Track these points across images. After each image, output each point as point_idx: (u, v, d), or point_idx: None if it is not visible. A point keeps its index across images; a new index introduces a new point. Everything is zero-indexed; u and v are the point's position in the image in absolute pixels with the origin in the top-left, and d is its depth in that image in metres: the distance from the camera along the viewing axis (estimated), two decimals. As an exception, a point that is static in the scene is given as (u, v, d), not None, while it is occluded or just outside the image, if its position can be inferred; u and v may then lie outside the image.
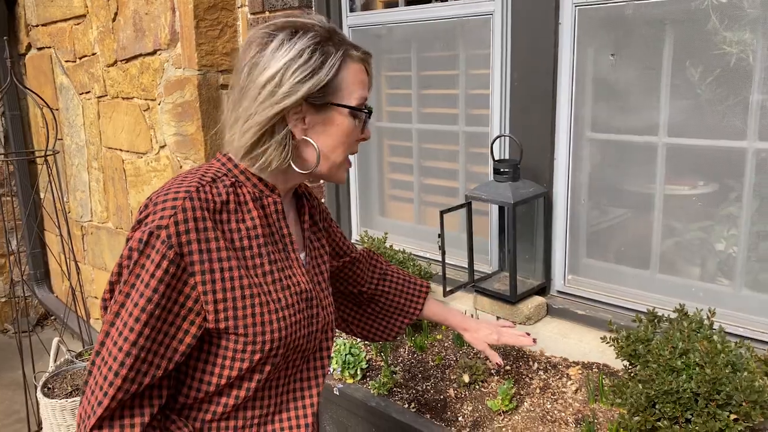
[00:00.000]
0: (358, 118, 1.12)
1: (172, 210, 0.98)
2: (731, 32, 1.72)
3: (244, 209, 1.07)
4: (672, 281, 1.94)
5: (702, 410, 1.38)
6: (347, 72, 1.08)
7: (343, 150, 1.13)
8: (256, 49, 1.06)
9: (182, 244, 0.98)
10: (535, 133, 2.09)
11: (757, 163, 1.73)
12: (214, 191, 1.04)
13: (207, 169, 1.10)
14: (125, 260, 0.99)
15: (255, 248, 1.07)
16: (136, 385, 0.97)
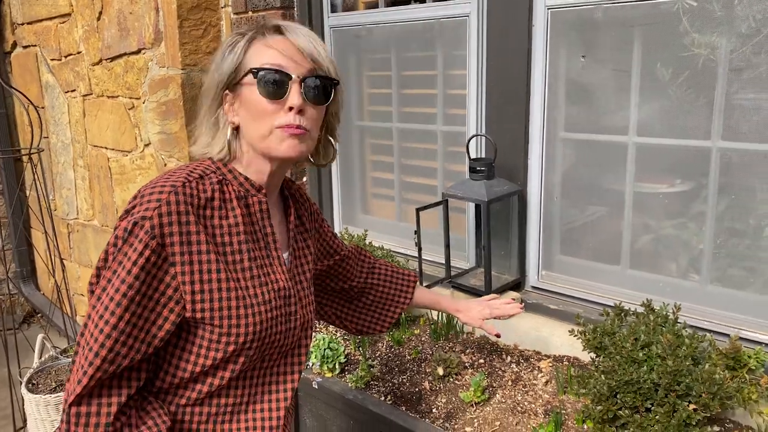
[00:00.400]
0: (263, 85, 1.10)
1: (157, 203, 1.03)
2: (700, 34, 1.78)
3: (228, 206, 1.12)
4: (642, 277, 2.00)
5: (662, 400, 1.43)
6: (252, 50, 1.13)
7: (263, 121, 1.11)
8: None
9: (164, 235, 1.02)
10: (510, 132, 2.14)
11: (720, 162, 1.78)
12: (200, 187, 1.09)
13: (197, 166, 1.15)
14: (111, 247, 1.05)
15: (236, 244, 1.12)
16: (115, 366, 1.01)
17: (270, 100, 1.10)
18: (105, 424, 1.02)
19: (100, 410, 1.02)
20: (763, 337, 1.71)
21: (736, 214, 1.79)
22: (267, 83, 1.10)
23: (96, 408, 1.02)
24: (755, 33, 1.67)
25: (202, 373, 1.13)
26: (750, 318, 1.78)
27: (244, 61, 1.13)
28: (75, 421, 1.02)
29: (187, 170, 1.12)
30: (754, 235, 1.77)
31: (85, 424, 1.02)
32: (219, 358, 1.11)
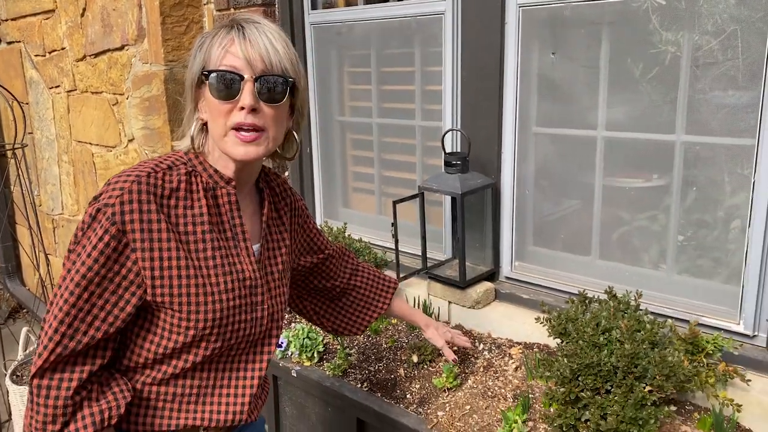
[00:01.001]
0: (217, 84, 1.13)
1: (120, 191, 1.09)
2: (668, 32, 1.84)
3: (194, 197, 1.17)
4: (610, 267, 2.07)
5: (621, 382, 1.50)
6: (213, 50, 1.15)
7: (219, 121, 1.14)
8: None
9: (125, 222, 1.08)
10: (483, 127, 2.20)
11: (684, 155, 1.85)
12: (167, 178, 1.14)
13: (168, 157, 1.20)
14: (78, 231, 1.12)
15: (199, 234, 1.17)
16: (74, 342, 1.08)
17: (222, 101, 1.13)
18: (64, 397, 1.09)
19: (60, 384, 1.09)
20: (722, 324, 1.79)
21: (700, 206, 1.86)
22: (219, 84, 1.13)
23: (57, 382, 1.09)
24: (720, 31, 1.74)
25: (167, 355, 1.18)
26: (711, 305, 1.85)
27: (206, 61, 1.16)
28: (36, 392, 1.10)
29: (157, 161, 1.18)
30: (717, 226, 1.84)
31: (45, 396, 1.09)
32: (181, 341, 1.16)
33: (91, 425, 1.11)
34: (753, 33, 1.66)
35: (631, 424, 1.44)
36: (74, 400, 1.10)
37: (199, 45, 1.18)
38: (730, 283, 1.81)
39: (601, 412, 1.48)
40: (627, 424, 1.44)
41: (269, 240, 1.33)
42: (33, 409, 1.11)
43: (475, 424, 1.71)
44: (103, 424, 1.12)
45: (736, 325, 1.78)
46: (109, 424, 1.13)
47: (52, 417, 1.09)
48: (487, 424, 1.70)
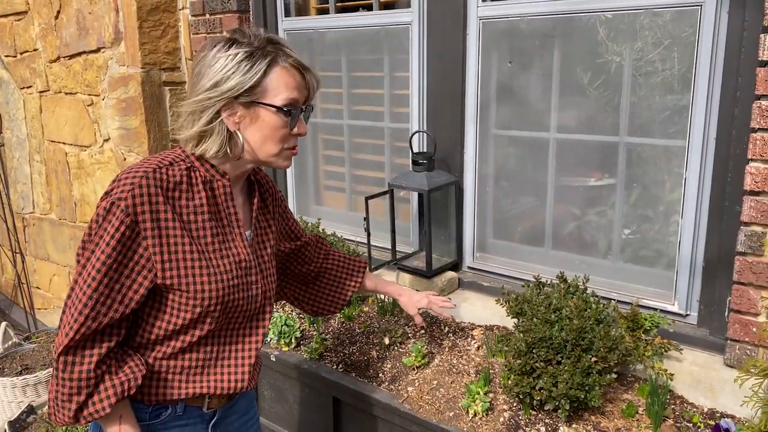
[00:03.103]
0: (286, 116, 1.30)
1: (130, 186, 1.22)
2: (613, 43, 2.06)
3: (194, 190, 1.31)
4: (562, 256, 2.28)
5: (570, 354, 1.70)
6: (273, 76, 1.27)
7: (274, 143, 1.32)
8: (202, 55, 1.30)
9: (137, 213, 1.21)
10: (447, 129, 2.39)
11: (627, 155, 2.07)
12: (170, 173, 1.27)
13: (169, 154, 1.33)
14: (93, 224, 1.24)
15: (200, 222, 1.31)
16: (97, 323, 1.22)
17: (288, 129, 1.31)
18: (87, 370, 1.23)
19: (83, 360, 1.23)
20: (659, 305, 2.01)
21: (642, 202, 2.08)
22: (290, 116, 1.30)
23: (80, 358, 1.23)
24: (658, 44, 1.96)
25: (175, 331, 1.33)
26: (651, 289, 2.08)
27: (264, 84, 1.27)
28: (62, 368, 1.23)
29: (160, 157, 1.31)
30: (658, 219, 2.06)
31: (71, 371, 1.23)
32: (188, 318, 1.31)
33: (114, 395, 1.25)
34: (685, 46, 1.89)
35: (578, 390, 1.64)
36: (96, 373, 1.24)
37: (246, 60, 1.25)
38: (668, 269, 2.04)
39: (553, 381, 1.68)
40: (575, 389, 1.64)
41: (258, 227, 1.48)
42: (59, 383, 1.24)
43: (441, 397, 1.89)
44: (123, 394, 1.26)
45: (672, 305, 2.00)
46: (128, 394, 1.27)
47: (77, 389, 1.23)
48: (453, 397, 1.89)
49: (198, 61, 1.31)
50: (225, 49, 1.27)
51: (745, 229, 1.71)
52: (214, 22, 2.96)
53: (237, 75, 1.25)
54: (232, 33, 1.32)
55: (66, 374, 1.23)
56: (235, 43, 1.28)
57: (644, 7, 1.93)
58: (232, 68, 1.25)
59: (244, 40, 1.28)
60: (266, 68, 1.26)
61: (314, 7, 2.95)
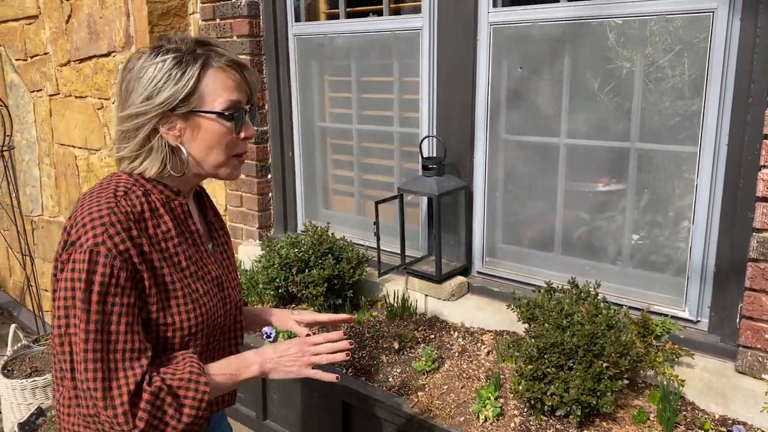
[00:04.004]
0: (229, 120, 1.22)
1: (102, 227, 1.11)
2: (624, 49, 2.06)
3: (157, 215, 1.22)
4: (572, 262, 2.28)
5: (581, 359, 1.70)
6: (208, 80, 1.19)
7: (220, 151, 1.24)
8: (128, 68, 1.21)
9: (122, 252, 1.11)
10: (458, 134, 2.39)
11: (638, 161, 2.07)
12: (129, 203, 1.17)
13: (116, 183, 1.20)
14: (77, 282, 1.09)
15: (172, 248, 1.23)
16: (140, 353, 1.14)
17: (234, 134, 1.23)
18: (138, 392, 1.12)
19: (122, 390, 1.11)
20: (670, 311, 2.00)
21: (652, 207, 2.08)
22: (235, 119, 1.22)
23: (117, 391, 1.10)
24: (669, 50, 1.96)
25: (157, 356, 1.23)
26: (661, 295, 2.07)
27: (200, 90, 1.18)
28: (124, 420, 1.09)
29: (110, 189, 1.18)
30: (668, 225, 2.06)
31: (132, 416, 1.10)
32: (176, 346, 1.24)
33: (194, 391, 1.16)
34: (696, 52, 1.89)
35: (590, 395, 1.64)
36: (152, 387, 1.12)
37: (176, 68, 1.17)
38: (678, 275, 2.03)
39: (564, 386, 1.68)
40: (586, 395, 1.64)
41: (217, 237, 1.42)
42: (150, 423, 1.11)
43: (452, 402, 1.89)
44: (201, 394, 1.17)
45: (682, 311, 2.00)
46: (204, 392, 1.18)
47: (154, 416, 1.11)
48: (463, 402, 1.89)
49: (124, 75, 1.21)
50: (151, 58, 1.18)
51: (757, 235, 1.71)
52: (225, 27, 2.98)
53: (169, 85, 1.16)
54: (158, 40, 1.24)
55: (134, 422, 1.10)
56: (161, 50, 1.19)
57: (655, 13, 1.94)
58: (162, 78, 1.16)
59: (170, 45, 1.20)
60: (199, 72, 1.18)
61: (324, 12, 2.96)
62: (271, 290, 2.58)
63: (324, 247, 2.51)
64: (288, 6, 2.88)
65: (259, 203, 3.10)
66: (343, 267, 2.46)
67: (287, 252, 2.51)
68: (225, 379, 1.26)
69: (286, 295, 2.62)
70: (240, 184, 3.14)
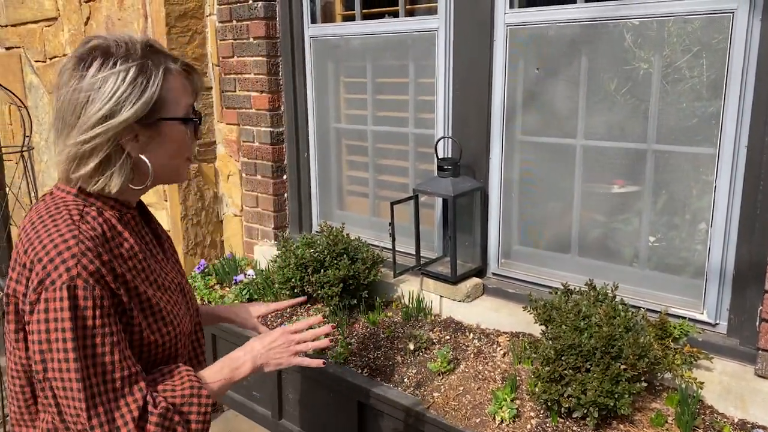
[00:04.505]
0: (189, 126, 1.21)
1: (73, 259, 1.04)
2: (641, 50, 2.05)
3: (116, 233, 1.16)
4: (588, 263, 2.27)
5: (599, 361, 1.69)
6: (170, 86, 1.15)
7: (180, 156, 1.22)
8: (74, 78, 1.10)
9: (98, 280, 1.06)
10: (473, 135, 2.39)
11: (655, 162, 2.06)
12: (89, 227, 1.10)
13: (65, 206, 1.13)
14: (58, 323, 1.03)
15: (138, 264, 1.18)
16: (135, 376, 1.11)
17: (191, 138, 1.22)
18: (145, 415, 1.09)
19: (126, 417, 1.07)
20: (688, 313, 1.99)
21: (669, 209, 2.07)
22: (196, 124, 1.22)
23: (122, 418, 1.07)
24: (687, 51, 1.95)
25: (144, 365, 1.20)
26: (679, 297, 2.06)
27: (161, 98, 1.14)
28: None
29: (64, 215, 1.11)
30: (684, 227, 2.05)
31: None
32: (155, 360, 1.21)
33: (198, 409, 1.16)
34: (715, 53, 1.88)
35: (608, 397, 1.63)
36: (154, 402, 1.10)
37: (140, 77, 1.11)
38: (696, 277, 2.02)
39: (581, 388, 1.67)
40: (604, 397, 1.63)
41: (164, 245, 1.36)
42: None
43: (468, 403, 1.89)
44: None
45: (700, 314, 1.98)
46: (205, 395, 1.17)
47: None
48: (479, 403, 1.89)
49: (72, 83, 1.10)
50: (107, 66, 1.09)
51: (777, 237, 1.70)
52: (241, 29, 3.00)
53: (135, 96, 1.10)
54: (97, 44, 1.13)
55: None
56: (110, 56, 1.10)
57: (673, 14, 1.93)
58: (127, 89, 1.09)
59: (120, 50, 1.11)
60: (162, 80, 1.13)
61: (340, 13, 2.97)
62: (286, 290, 2.59)
63: (339, 248, 2.52)
64: (304, 8, 2.90)
65: (274, 204, 3.11)
66: (358, 267, 2.47)
67: (303, 252, 2.52)
68: (221, 384, 1.26)
69: (301, 295, 2.62)
70: (256, 185, 3.16)
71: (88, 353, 1.05)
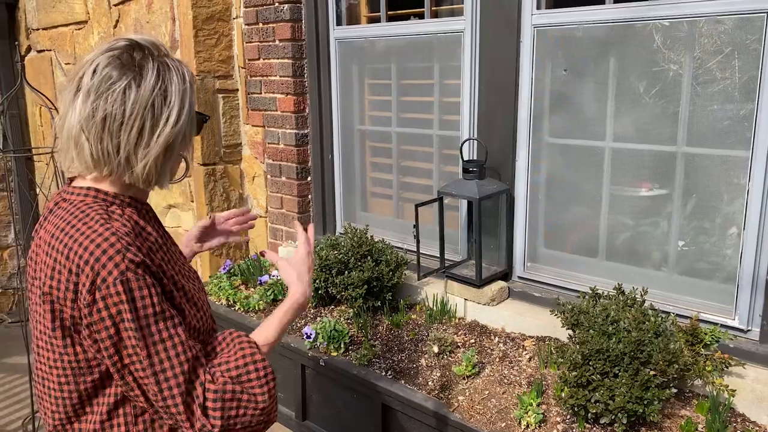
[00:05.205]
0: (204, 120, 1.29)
1: (119, 254, 1.08)
2: (670, 51, 2.02)
3: (140, 228, 1.19)
4: (616, 267, 2.24)
5: (627, 366, 1.67)
6: (191, 91, 1.21)
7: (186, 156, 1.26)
8: (137, 83, 1.13)
9: (145, 270, 1.10)
10: (499, 137, 2.37)
11: (685, 165, 2.03)
12: (119, 224, 1.14)
13: (89, 208, 1.16)
14: (123, 314, 1.07)
15: (166, 255, 1.22)
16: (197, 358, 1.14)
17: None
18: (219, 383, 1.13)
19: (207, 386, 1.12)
20: (718, 319, 1.95)
21: (699, 213, 2.03)
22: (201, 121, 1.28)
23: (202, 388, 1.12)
24: (718, 51, 1.92)
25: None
26: (709, 303, 2.02)
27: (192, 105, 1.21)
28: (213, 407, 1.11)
29: (93, 216, 1.14)
30: (715, 231, 2.01)
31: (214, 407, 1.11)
32: None
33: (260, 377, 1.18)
34: (748, 54, 1.84)
35: (637, 404, 1.61)
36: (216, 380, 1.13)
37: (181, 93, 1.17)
38: (727, 282, 1.98)
39: (609, 394, 1.64)
40: (633, 403, 1.61)
41: (172, 241, 1.37)
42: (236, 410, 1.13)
43: (493, 407, 1.87)
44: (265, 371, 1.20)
45: (732, 320, 1.94)
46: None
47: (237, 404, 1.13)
48: (505, 407, 1.87)
49: (130, 91, 1.12)
50: (165, 70, 1.15)
51: (813, 242, 1.66)
52: (267, 31, 3.02)
53: (190, 95, 1.19)
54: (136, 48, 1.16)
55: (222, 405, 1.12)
56: (157, 58, 1.16)
57: (704, 14, 1.89)
58: (184, 89, 1.18)
59: (155, 52, 1.18)
60: (184, 88, 1.19)
61: (365, 15, 2.97)
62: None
63: (363, 249, 2.52)
64: (330, 10, 2.91)
65: (298, 205, 3.13)
66: (382, 269, 2.47)
67: (327, 253, 2.53)
68: (274, 332, 1.29)
69: (325, 296, 2.63)
70: (281, 186, 3.17)
71: (156, 339, 1.09)
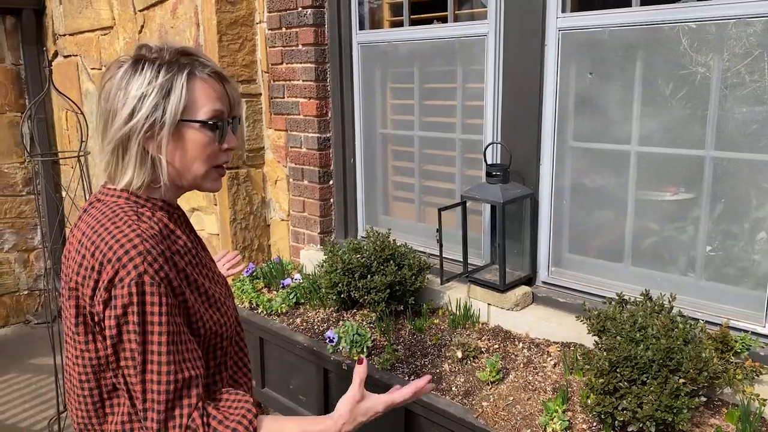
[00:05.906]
0: (212, 130, 1.22)
1: (140, 257, 1.10)
2: (698, 54, 1.99)
3: (169, 232, 1.22)
4: (643, 273, 2.21)
5: (656, 374, 1.64)
6: (194, 89, 1.19)
7: (201, 162, 1.23)
8: (110, 79, 1.19)
9: (162, 277, 1.12)
10: (523, 140, 2.36)
11: (713, 170, 2.00)
12: (147, 226, 1.16)
13: (120, 209, 1.19)
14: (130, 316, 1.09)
15: (194, 259, 1.24)
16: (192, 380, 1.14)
17: (217, 145, 1.23)
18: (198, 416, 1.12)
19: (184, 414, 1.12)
20: (748, 326, 1.92)
21: (727, 218, 2.00)
22: (218, 129, 1.22)
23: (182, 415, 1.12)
24: (747, 54, 1.89)
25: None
26: (738, 309, 1.98)
27: (187, 101, 1.18)
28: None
29: (120, 215, 1.17)
30: (744, 237, 1.97)
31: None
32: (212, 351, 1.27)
33: None
34: (779, 57, 1.81)
35: (666, 412, 1.58)
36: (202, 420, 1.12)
37: (166, 81, 1.17)
38: (757, 289, 1.94)
39: (637, 401, 1.62)
40: (662, 411, 1.58)
41: (202, 246, 1.39)
42: None
43: (518, 414, 1.86)
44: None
45: (762, 327, 1.91)
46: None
47: None
48: (529, 414, 1.85)
49: (109, 88, 1.19)
50: (137, 69, 1.17)
51: None
52: (290, 36, 3.03)
53: (155, 96, 1.16)
54: (138, 50, 1.22)
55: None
56: (145, 60, 1.18)
57: (734, 16, 1.86)
58: (151, 91, 1.16)
59: (153, 55, 1.19)
60: (186, 82, 1.18)
61: (388, 20, 2.98)
62: (333, 295, 2.60)
63: (386, 253, 2.51)
64: (352, 14, 2.91)
65: (321, 209, 3.13)
66: (404, 273, 2.46)
67: (350, 257, 2.53)
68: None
69: (348, 300, 2.63)
70: (303, 190, 3.18)
71: (155, 349, 1.10)
